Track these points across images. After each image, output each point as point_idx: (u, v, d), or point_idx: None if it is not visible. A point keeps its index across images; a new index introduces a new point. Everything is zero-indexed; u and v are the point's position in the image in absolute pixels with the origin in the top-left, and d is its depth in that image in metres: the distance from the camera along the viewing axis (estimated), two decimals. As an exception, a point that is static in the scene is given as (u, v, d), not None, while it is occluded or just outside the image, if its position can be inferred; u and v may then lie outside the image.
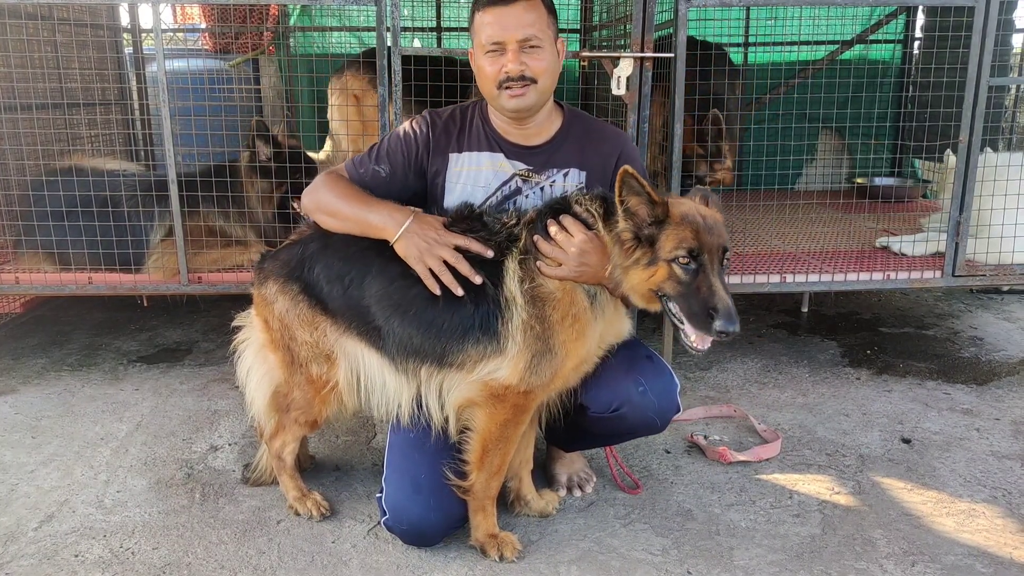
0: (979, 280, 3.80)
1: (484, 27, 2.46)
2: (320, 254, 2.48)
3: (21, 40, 4.04)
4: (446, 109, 2.74)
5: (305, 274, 2.47)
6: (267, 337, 2.58)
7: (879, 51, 6.05)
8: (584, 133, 2.65)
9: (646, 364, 2.54)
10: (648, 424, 2.56)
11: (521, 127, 2.59)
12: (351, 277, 2.42)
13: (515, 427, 2.38)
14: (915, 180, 5.68)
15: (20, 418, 3.40)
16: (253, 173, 3.73)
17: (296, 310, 2.47)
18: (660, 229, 2.19)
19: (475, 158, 2.62)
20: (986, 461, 3.03)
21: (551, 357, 2.29)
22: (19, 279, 3.69)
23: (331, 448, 3.17)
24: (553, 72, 2.52)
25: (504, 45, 2.43)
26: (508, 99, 2.47)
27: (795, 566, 2.41)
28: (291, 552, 2.48)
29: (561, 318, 2.30)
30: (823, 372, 3.91)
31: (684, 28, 3.44)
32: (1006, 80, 4.81)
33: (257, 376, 2.66)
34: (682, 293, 2.18)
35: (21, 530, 2.59)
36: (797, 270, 3.76)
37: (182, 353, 4.17)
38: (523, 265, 2.33)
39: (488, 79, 2.48)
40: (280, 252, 2.59)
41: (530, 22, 2.43)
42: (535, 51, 2.45)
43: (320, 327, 2.46)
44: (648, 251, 2.19)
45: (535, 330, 2.29)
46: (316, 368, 2.49)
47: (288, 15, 5.86)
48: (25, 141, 3.90)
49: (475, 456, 2.39)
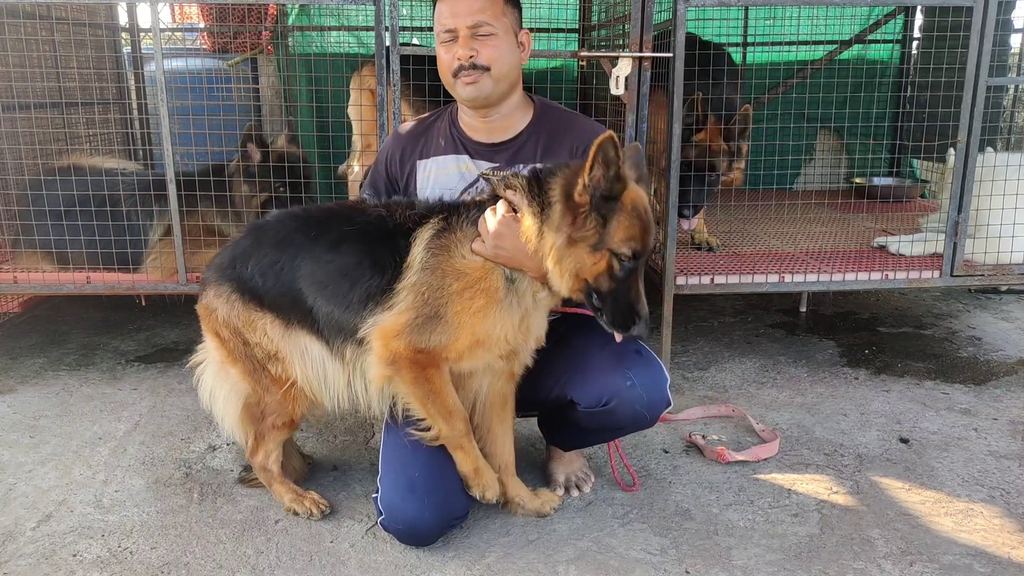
0: (977, 280, 3.81)
1: (439, 16, 2.51)
2: (252, 248, 2.47)
3: (19, 39, 4.03)
4: (414, 120, 2.79)
5: (238, 271, 2.45)
6: (223, 352, 2.54)
7: (878, 51, 6.05)
8: (554, 127, 2.63)
9: (635, 358, 2.51)
10: (637, 418, 2.52)
11: (485, 120, 2.59)
12: (282, 263, 2.41)
13: (428, 380, 2.31)
14: (913, 180, 5.68)
15: (18, 418, 3.40)
16: (240, 176, 3.74)
17: (234, 311, 2.45)
18: (612, 210, 2.14)
19: (441, 162, 2.64)
20: (984, 461, 3.04)
21: (441, 324, 2.27)
22: (17, 278, 3.68)
23: (329, 448, 3.16)
24: (509, 61, 2.51)
25: (456, 32, 2.46)
26: (463, 87, 2.49)
27: (793, 566, 2.41)
28: (289, 552, 2.48)
29: (461, 289, 2.28)
30: (821, 372, 3.92)
31: (683, 28, 3.44)
32: (1004, 80, 4.81)
33: (223, 394, 2.60)
34: (612, 290, 2.17)
35: (19, 529, 2.59)
36: (795, 270, 3.76)
37: (180, 353, 4.16)
38: (436, 233, 2.32)
39: (444, 68, 2.51)
40: (214, 258, 2.58)
41: (480, 8, 2.45)
42: (487, 38, 2.46)
43: (260, 324, 2.44)
44: (598, 229, 2.14)
45: (424, 295, 2.27)
46: (273, 368, 2.48)
47: (286, 14, 5.85)
48: (23, 140, 3.89)
49: (420, 412, 2.37)
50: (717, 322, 4.59)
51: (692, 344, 4.29)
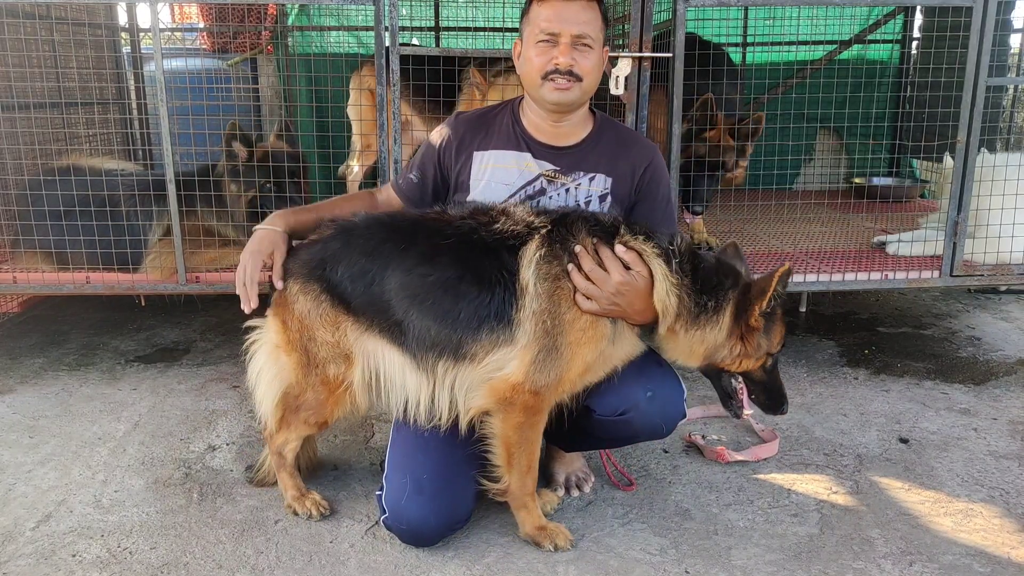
0: (977, 280, 3.80)
1: (541, 17, 2.46)
2: (342, 252, 2.45)
3: (19, 39, 4.03)
4: (476, 111, 2.78)
5: (327, 273, 2.45)
6: (283, 338, 2.55)
7: (877, 51, 6.05)
8: (615, 140, 2.66)
9: (655, 370, 2.52)
10: (654, 430, 2.56)
11: (556, 124, 2.59)
12: (373, 273, 2.39)
13: (531, 429, 2.38)
14: (913, 180, 5.68)
15: (18, 418, 3.40)
16: (227, 175, 3.73)
17: (319, 310, 2.45)
18: (772, 323, 2.40)
19: (501, 156, 2.63)
20: (984, 461, 3.04)
21: (557, 356, 2.29)
22: (17, 278, 3.68)
23: (330, 448, 3.16)
24: (597, 76, 2.55)
25: (558, 37, 2.44)
26: (551, 91, 2.47)
27: (793, 566, 2.41)
28: (289, 552, 2.48)
29: (574, 319, 2.30)
30: (821, 372, 3.92)
31: (682, 28, 3.44)
32: (1004, 80, 4.82)
33: (268, 377, 2.62)
34: (764, 381, 2.47)
35: (19, 530, 2.58)
36: (795, 270, 3.76)
37: (180, 353, 4.17)
38: (543, 253, 2.32)
39: (535, 68, 2.48)
40: (300, 251, 2.56)
41: (587, 20, 2.45)
42: (586, 50, 2.46)
43: (342, 326, 2.44)
44: (765, 342, 2.40)
45: (546, 324, 2.28)
46: (333, 368, 2.47)
47: (286, 14, 5.86)
48: (23, 140, 3.89)
49: (502, 460, 2.41)
50: (717, 322, 4.58)
51: (692, 344, 4.28)
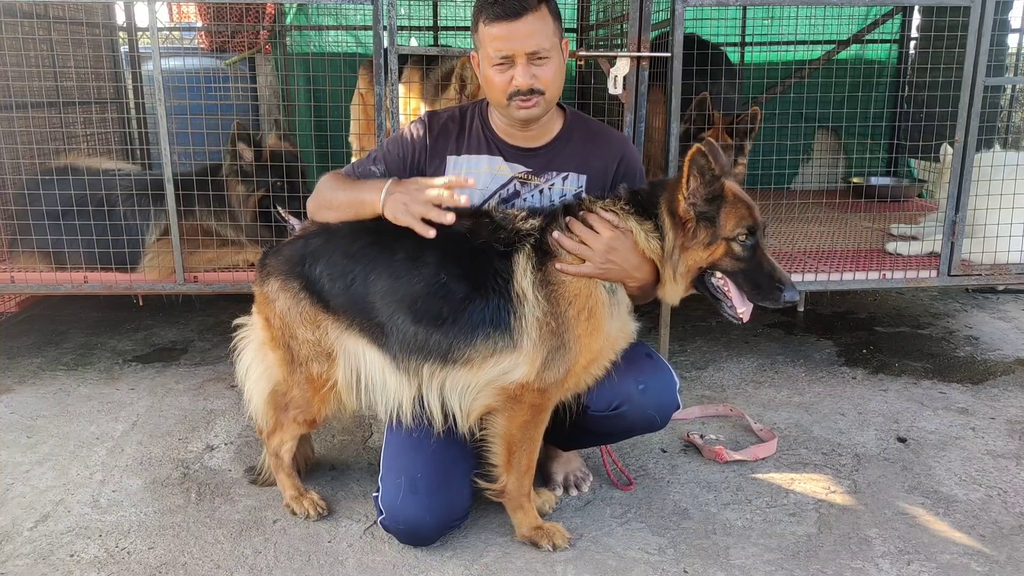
0: (974, 280, 3.81)
1: (492, 40, 2.41)
2: (323, 250, 2.46)
3: (16, 38, 4.02)
4: (445, 111, 2.73)
5: (307, 271, 2.45)
6: (267, 335, 2.57)
7: (875, 51, 6.05)
8: (586, 136, 2.64)
9: (646, 362, 2.54)
10: (648, 422, 2.57)
11: (525, 130, 2.59)
12: (355, 274, 2.40)
13: (536, 427, 2.39)
14: (911, 180, 5.69)
15: (15, 418, 3.39)
16: (233, 175, 3.74)
17: (298, 307, 2.45)
18: (717, 207, 2.29)
19: (473, 161, 2.62)
20: (981, 460, 3.04)
21: (564, 352, 2.30)
22: (14, 278, 3.68)
23: (327, 447, 3.16)
24: (560, 77, 2.51)
25: (513, 58, 2.41)
26: (517, 110, 2.46)
27: (791, 565, 2.42)
28: (287, 552, 2.48)
29: (577, 313, 2.31)
30: (819, 371, 3.92)
31: (681, 27, 3.44)
32: (1002, 80, 4.82)
33: (256, 374, 2.65)
34: (742, 270, 2.31)
35: (16, 530, 2.58)
36: (793, 269, 3.76)
37: (178, 353, 4.16)
38: (534, 260, 2.33)
39: (496, 89, 2.46)
40: (282, 248, 2.56)
41: (536, 31, 2.40)
42: (544, 62, 2.43)
43: (322, 325, 2.44)
44: (709, 229, 2.29)
45: (550, 326, 2.29)
46: (316, 367, 2.48)
47: (284, 14, 5.85)
48: (20, 140, 3.89)
49: (502, 459, 2.41)
50: (715, 322, 4.59)
51: (690, 344, 4.29)
